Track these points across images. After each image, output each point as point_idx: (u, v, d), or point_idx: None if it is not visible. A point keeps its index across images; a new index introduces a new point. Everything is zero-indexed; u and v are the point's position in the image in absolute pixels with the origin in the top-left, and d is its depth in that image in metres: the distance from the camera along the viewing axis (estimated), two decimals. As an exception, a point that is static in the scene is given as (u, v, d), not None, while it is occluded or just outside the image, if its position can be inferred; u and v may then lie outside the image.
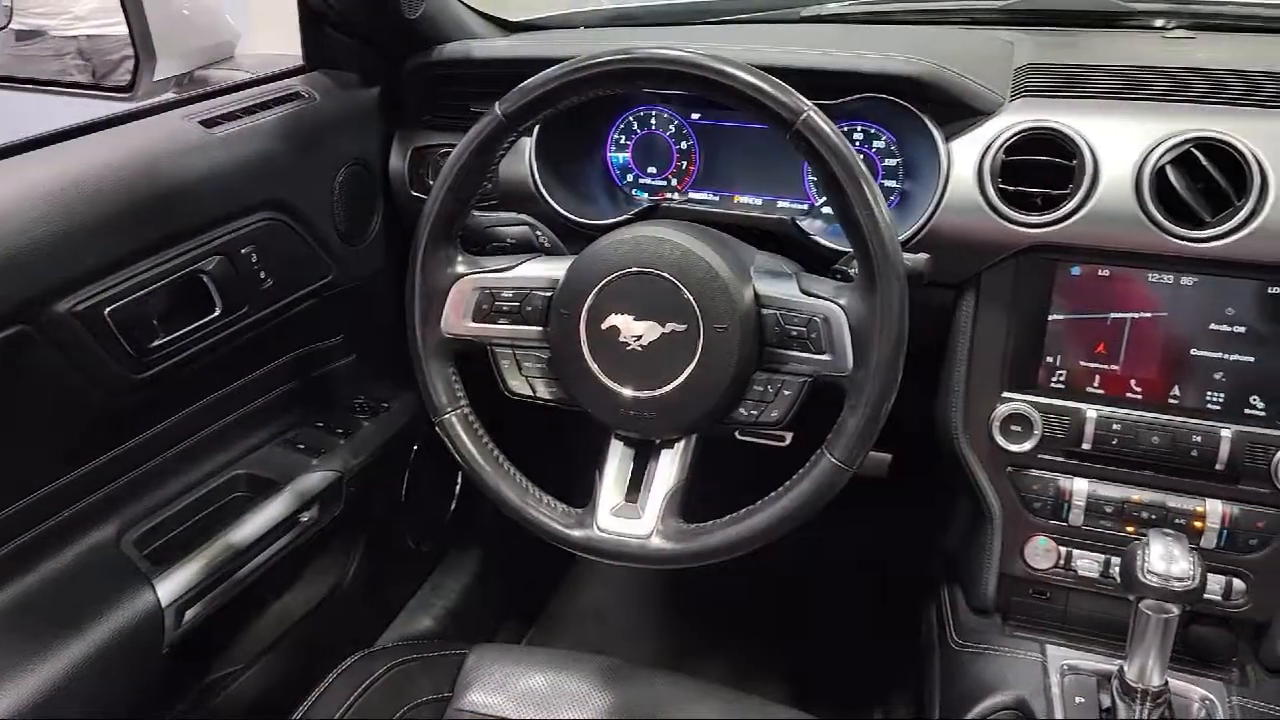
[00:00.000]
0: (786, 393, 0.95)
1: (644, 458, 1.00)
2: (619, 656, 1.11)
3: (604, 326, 0.96)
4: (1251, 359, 1.07)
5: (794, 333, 0.94)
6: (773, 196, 1.27)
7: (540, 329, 1.01)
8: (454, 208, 0.99)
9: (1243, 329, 1.07)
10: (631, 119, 1.32)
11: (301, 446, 1.35)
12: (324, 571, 1.44)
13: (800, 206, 1.26)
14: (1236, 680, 1.11)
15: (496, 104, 0.95)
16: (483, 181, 1.00)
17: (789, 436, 1.31)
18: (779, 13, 1.54)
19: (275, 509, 1.23)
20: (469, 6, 1.43)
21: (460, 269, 1.02)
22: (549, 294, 1.00)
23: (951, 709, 1.10)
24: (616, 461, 1.00)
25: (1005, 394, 1.14)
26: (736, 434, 1.36)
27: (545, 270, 1.02)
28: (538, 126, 1.26)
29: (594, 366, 0.97)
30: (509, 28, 1.52)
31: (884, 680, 1.57)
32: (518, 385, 1.04)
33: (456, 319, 1.02)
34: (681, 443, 0.99)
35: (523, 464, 1.03)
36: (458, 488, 1.72)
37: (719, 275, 0.93)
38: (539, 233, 1.14)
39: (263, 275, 1.19)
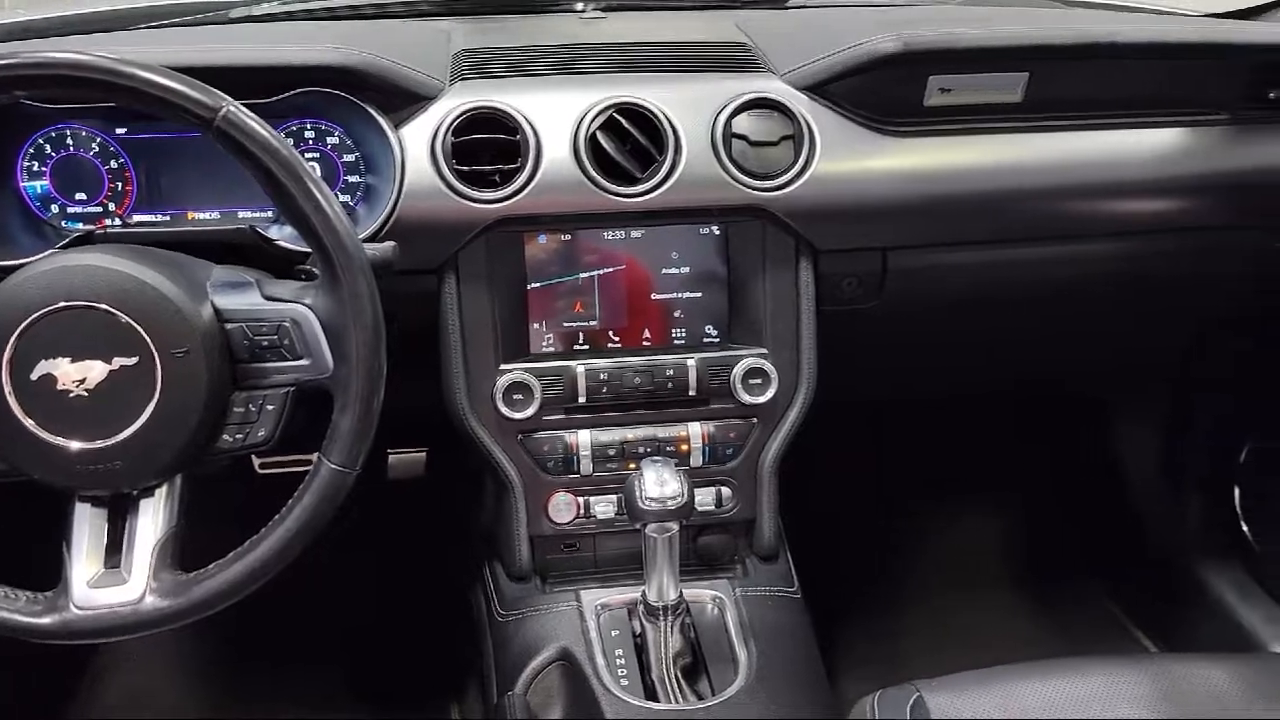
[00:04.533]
0: (270, 407, 0.90)
1: (121, 514, 0.89)
2: None
3: (35, 377, 0.84)
4: (699, 294, 1.22)
5: (265, 343, 0.89)
6: (232, 208, 1.19)
7: None
8: None
9: (687, 269, 1.21)
10: (43, 140, 1.16)
11: None
12: None
13: (265, 215, 1.19)
14: (740, 575, 1.26)
15: None
16: None
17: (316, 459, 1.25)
18: (208, 15, 1.44)
19: None
20: None
21: None
22: None
23: (506, 678, 1.12)
24: (86, 525, 0.88)
25: (503, 366, 1.18)
26: (258, 469, 1.27)
27: None
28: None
29: (29, 425, 0.84)
30: None
31: (453, 673, 1.57)
32: None
33: None
34: (163, 488, 0.90)
35: None
36: None
37: (166, 296, 0.86)
38: None
39: None
